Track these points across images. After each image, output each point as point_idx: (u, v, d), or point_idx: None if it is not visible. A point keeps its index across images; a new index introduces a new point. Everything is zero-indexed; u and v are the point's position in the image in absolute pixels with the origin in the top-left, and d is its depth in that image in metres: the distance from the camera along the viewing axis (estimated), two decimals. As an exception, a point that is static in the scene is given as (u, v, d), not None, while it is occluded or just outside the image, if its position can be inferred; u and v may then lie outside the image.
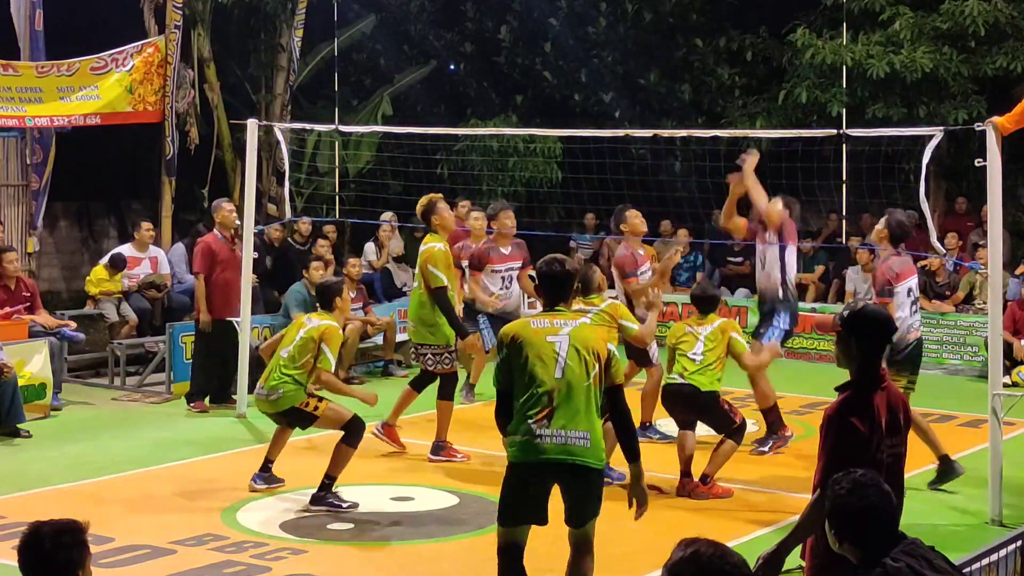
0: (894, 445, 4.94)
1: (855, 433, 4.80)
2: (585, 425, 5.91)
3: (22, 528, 3.94)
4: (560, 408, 5.88)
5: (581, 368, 5.93)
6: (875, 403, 4.88)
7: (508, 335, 6.06)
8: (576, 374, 5.92)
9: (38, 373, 11.79)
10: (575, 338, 5.97)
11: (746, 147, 16.63)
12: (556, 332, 5.99)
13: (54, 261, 18.86)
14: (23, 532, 3.87)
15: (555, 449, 5.88)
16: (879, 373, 4.98)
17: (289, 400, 8.80)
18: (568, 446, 5.88)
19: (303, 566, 7.49)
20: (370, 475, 9.71)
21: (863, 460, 4.77)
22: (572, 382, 5.91)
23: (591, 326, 6.30)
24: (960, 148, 16.75)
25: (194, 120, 16.43)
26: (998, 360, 8.87)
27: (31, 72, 14.33)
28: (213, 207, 12.68)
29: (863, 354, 4.97)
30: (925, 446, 9.06)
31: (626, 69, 19.76)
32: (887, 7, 16.80)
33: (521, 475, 5.99)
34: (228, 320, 12.22)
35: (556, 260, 6.24)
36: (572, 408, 5.89)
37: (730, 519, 8.59)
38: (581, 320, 6.21)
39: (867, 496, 4.09)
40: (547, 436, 5.87)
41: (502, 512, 6.09)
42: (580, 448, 5.90)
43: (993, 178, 8.60)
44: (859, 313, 5.07)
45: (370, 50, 20.70)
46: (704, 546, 3.17)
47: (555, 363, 5.93)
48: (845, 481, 4.15)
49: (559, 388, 5.90)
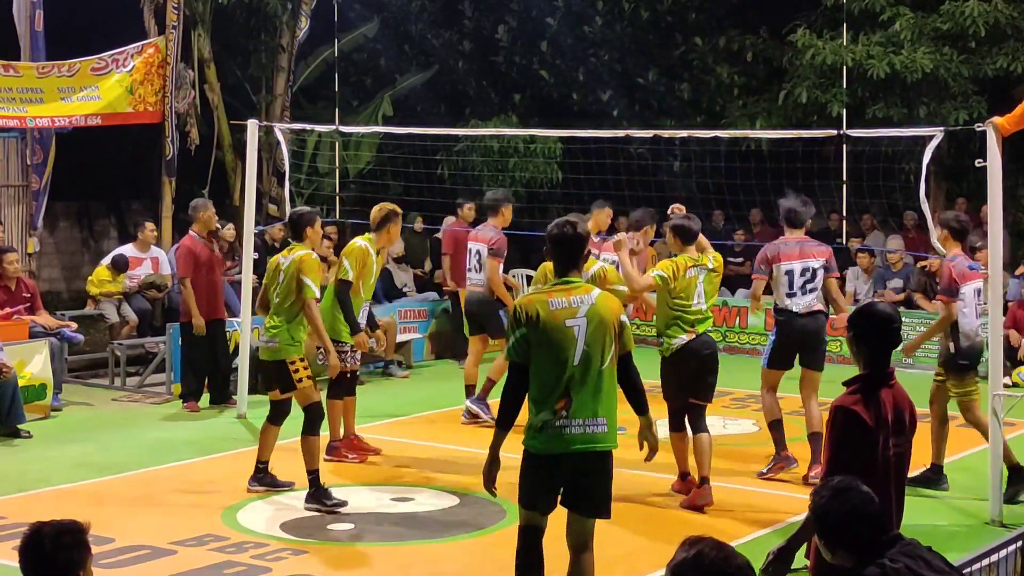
0: (899, 444, 4.96)
1: (861, 426, 4.82)
2: (604, 410, 5.90)
3: (23, 529, 3.94)
4: (579, 396, 5.84)
5: (598, 352, 5.87)
6: (882, 400, 4.91)
7: (526, 311, 5.89)
8: (594, 359, 5.87)
9: (38, 374, 11.79)
10: (592, 319, 5.88)
11: (746, 146, 16.75)
12: (575, 314, 5.87)
13: (54, 261, 18.87)
14: (24, 533, 3.87)
15: (580, 439, 5.86)
16: (887, 370, 5.01)
17: (283, 353, 8.85)
18: (590, 434, 5.87)
19: (303, 567, 7.49)
20: (370, 476, 9.71)
21: (868, 455, 4.79)
22: (590, 368, 5.86)
23: (605, 297, 6.06)
24: (960, 149, 16.75)
25: (194, 121, 16.42)
26: (998, 361, 8.87)
27: (32, 73, 14.33)
28: (196, 207, 12.50)
29: (870, 351, 5.01)
30: (921, 449, 9.03)
31: (624, 68, 19.77)
32: (887, 7, 16.80)
33: (544, 464, 5.92)
34: (215, 320, 12.26)
35: (568, 223, 6.11)
36: (591, 394, 5.86)
37: (733, 519, 8.58)
38: (595, 293, 6.00)
39: (848, 500, 4.08)
40: (571, 426, 5.84)
41: (523, 496, 6.03)
42: (601, 435, 5.90)
43: (993, 178, 8.60)
44: (863, 311, 5.10)
45: (370, 50, 20.71)
46: (709, 547, 3.16)
47: (574, 348, 5.85)
48: (824, 490, 4.15)
49: (576, 375, 5.84)
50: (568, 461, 5.88)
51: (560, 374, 5.84)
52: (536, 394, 5.90)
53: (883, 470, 4.85)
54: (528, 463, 5.99)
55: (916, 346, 10.05)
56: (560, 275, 6.07)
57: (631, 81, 19.78)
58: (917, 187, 10.22)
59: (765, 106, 18.09)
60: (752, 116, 17.98)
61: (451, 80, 20.96)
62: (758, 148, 16.40)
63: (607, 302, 6.01)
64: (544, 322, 5.85)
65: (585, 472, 5.93)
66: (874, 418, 4.84)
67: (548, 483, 5.97)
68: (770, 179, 13.51)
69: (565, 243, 6.06)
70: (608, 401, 5.94)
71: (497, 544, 7.88)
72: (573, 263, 6.08)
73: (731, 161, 15.05)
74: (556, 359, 5.83)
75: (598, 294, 6.02)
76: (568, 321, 5.86)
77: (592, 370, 5.86)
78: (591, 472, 5.94)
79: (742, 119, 18.01)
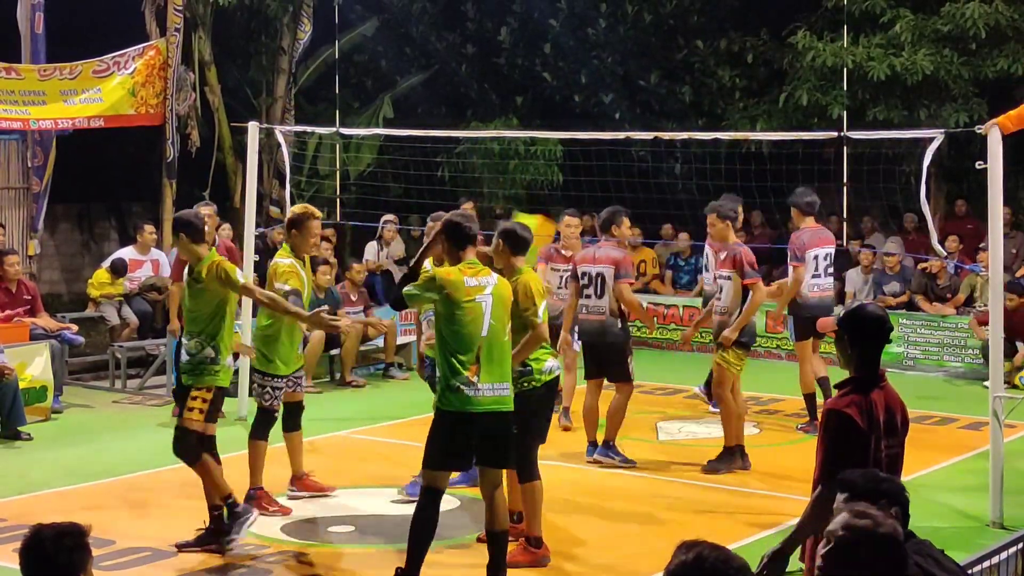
0: (891, 445, 4.96)
1: (854, 428, 4.82)
2: (506, 376, 6.86)
3: (23, 531, 3.95)
4: (488, 363, 6.72)
5: (501, 325, 6.83)
6: (874, 401, 4.91)
7: (443, 282, 6.77)
8: (499, 332, 6.81)
9: (39, 376, 11.80)
10: (496, 296, 6.82)
11: (746, 148, 16.75)
12: (483, 291, 6.79)
13: (55, 264, 18.89)
14: (25, 535, 3.87)
15: (488, 401, 6.74)
16: (878, 372, 5.00)
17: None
18: (498, 397, 6.78)
19: (304, 569, 7.50)
20: (371, 478, 9.71)
21: (861, 457, 4.79)
22: (496, 339, 6.79)
23: (501, 279, 7.04)
24: (961, 150, 16.75)
25: (195, 123, 16.43)
26: (999, 362, 8.87)
27: (34, 75, 14.34)
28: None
29: (860, 353, 4.99)
30: (925, 449, 9.05)
31: (626, 70, 19.77)
32: (888, 9, 16.80)
33: (458, 423, 6.74)
34: None
35: (458, 214, 7.25)
36: (497, 362, 6.78)
37: (731, 521, 8.59)
38: (495, 275, 6.97)
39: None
40: (483, 390, 6.71)
41: (433, 458, 6.85)
42: (507, 398, 6.86)
43: (994, 180, 8.60)
44: (854, 313, 5.09)
45: (371, 52, 20.71)
46: (707, 549, 3.15)
47: (483, 321, 6.74)
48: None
49: (484, 345, 6.73)
50: (480, 421, 6.73)
51: (472, 344, 6.72)
52: (451, 360, 6.73)
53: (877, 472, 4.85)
54: (441, 425, 6.80)
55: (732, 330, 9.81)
56: (460, 259, 6.91)
57: (633, 84, 19.79)
58: (917, 189, 10.23)
59: (766, 108, 18.09)
60: (753, 118, 17.98)
61: (452, 82, 20.97)
62: (759, 150, 16.39)
63: (504, 282, 7.02)
64: (461, 297, 6.73)
65: (495, 431, 6.79)
66: (866, 420, 4.84)
67: (462, 442, 6.80)
68: (770, 181, 13.52)
69: (457, 229, 6.95)
70: (507, 368, 6.90)
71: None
72: (464, 247, 6.92)
73: (731, 163, 15.04)
74: (469, 331, 6.73)
75: (497, 275, 7.00)
76: (478, 297, 6.77)
77: (497, 341, 6.80)
78: (500, 430, 6.82)
79: (743, 121, 18.01)
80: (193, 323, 7.75)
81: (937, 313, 15.19)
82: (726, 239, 10.05)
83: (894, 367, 14.40)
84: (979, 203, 15.65)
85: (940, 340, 14.98)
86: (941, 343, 14.97)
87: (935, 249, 10.58)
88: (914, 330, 15.16)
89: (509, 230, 7.65)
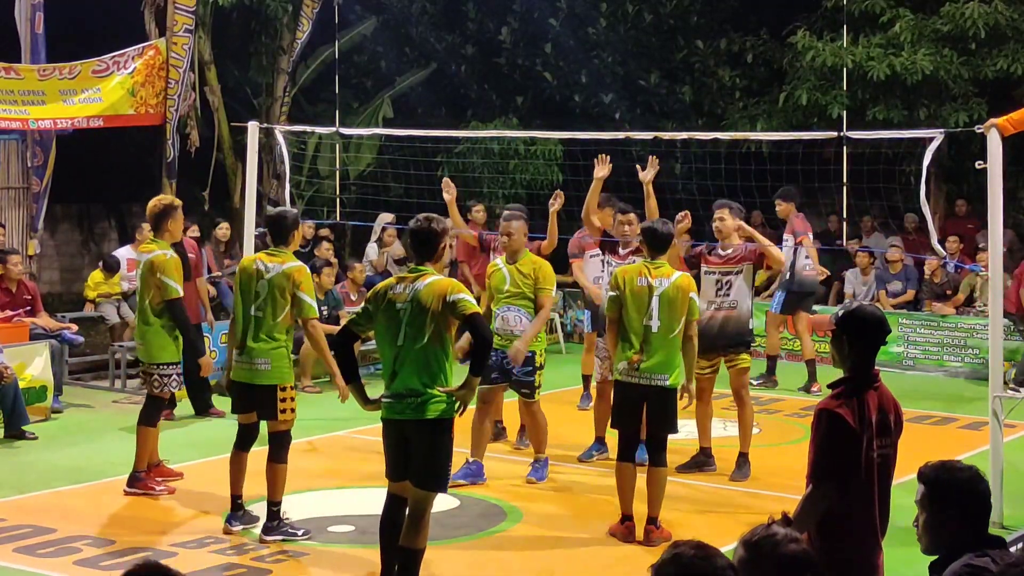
0: (883, 446, 4.96)
1: (845, 428, 4.82)
2: (423, 383, 6.49)
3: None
4: (403, 371, 6.51)
5: (418, 332, 6.50)
6: (867, 401, 4.91)
7: (374, 295, 6.70)
8: (416, 339, 6.50)
9: (39, 376, 11.80)
10: (414, 303, 6.53)
11: (746, 148, 16.75)
12: (404, 299, 6.57)
13: (55, 264, 18.90)
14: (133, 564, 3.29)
15: (398, 408, 6.53)
16: (872, 372, 5.01)
17: (274, 377, 7.96)
18: (408, 403, 6.50)
19: (303, 568, 7.50)
20: (371, 477, 9.69)
21: (853, 456, 4.80)
22: (412, 346, 6.50)
23: (434, 283, 6.59)
24: (961, 150, 16.76)
25: (195, 123, 16.43)
26: (999, 362, 8.87)
27: (33, 75, 14.33)
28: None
29: (856, 353, 4.99)
30: (920, 451, 9.01)
31: (626, 70, 19.78)
32: (887, 9, 16.82)
33: (388, 431, 6.67)
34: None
35: (427, 218, 6.80)
36: (413, 370, 6.50)
37: (728, 520, 8.59)
38: (428, 280, 6.59)
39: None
40: (392, 398, 6.53)
41: (386, 466, 6.77)
42: (418, 404, 6.47)
43: (994, 181, 8.60)
44: (853, 313, 5.09)
45: (371, 52, 20.72)
46: (689, 547, 3.15)
47: (399, 329, 6.54)
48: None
49: (400, 353, 6.54)
50: (394, 428, 6.58)
51: (389, 352, 6.60)
52: (382, 368, 6.71)
53: (867, 472, 4.86)
54: (383, 432, 6.71)
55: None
56: (417, 263, 6.76)
57: (633, 84, 19.79)
58: (917, 189, 10.22)
59: (765, 108, 18.11)
60: (753, 118, 18.00)
61: (452, 82, 20.98)
62: (759, 150, 16.40)
63: (433, 287, 6.56)
64: (384, 305, 6.61)
65: (410, 440, 6.55)
66: (858, 420, 4.84)
67: (394, 450, 6.65)
68: (770, 181, 13.53)
69: (421, 235, 6.73)
70: (428, 374, 6.51)
71: (498, 546, 7.89)
72: (428, 255, 6.72)
73: (731, 163, 15.04)
74: (386, 339, 6.60)
75: (429, 281, 6.58)
76: (398, 304, 6.58)
77: (415, 347, 6.50)
78: (416, 441, 6.53)
79: (743, 121, 18.02)
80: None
81: (937, 313, 15.20)
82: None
83: (894, 367, 14.42)
84: (979, 203, 15.66)
85: (940, 340, 14.99)
86: (941, 343, 14.98)
87: (935, 249, 10.58)
88: (914, 330, 15.17)
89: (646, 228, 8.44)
